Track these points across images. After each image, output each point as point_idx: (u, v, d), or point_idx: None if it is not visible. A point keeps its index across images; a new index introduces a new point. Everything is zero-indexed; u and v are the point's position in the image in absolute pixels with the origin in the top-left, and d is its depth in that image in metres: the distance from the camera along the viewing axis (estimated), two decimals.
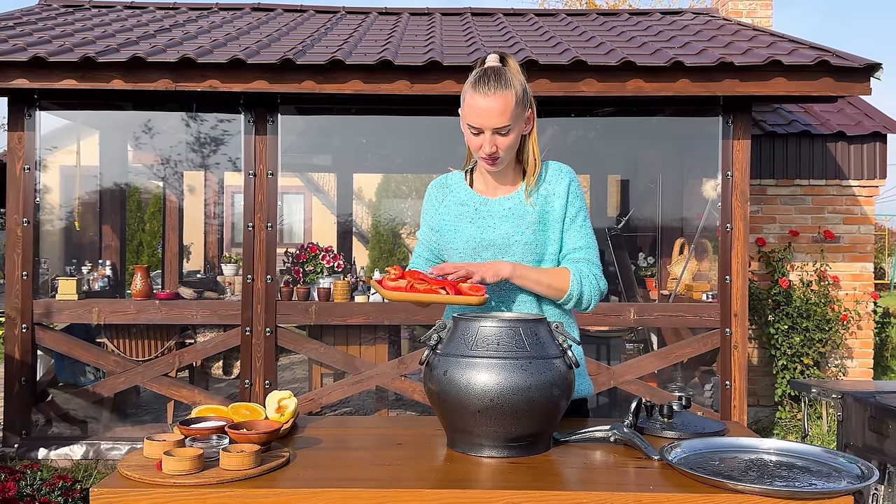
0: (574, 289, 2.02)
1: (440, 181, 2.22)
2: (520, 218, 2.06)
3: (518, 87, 1.98)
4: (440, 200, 2.18)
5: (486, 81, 1.97)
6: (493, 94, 1.95)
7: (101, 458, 5.19)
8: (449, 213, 2.14)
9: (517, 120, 1.99)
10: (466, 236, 2.09)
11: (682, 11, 7.57)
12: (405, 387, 5.29)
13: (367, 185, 16.39)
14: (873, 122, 6.90)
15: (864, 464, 1.55)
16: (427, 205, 2.22)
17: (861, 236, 6.83)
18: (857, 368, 6.83)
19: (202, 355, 5.89)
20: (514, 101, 1.96)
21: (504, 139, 1.99)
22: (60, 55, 4.78)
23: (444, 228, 2.14)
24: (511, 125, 1.98)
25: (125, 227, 7.67)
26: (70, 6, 7.25)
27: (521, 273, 2.00)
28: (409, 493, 1.46)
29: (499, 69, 2.00)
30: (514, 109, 1.97)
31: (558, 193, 2.09)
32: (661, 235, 7.47)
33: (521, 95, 1.99)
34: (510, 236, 2.05)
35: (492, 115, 1.96)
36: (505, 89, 1.96)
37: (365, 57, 4.91)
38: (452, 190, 2.18)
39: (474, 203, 2.12)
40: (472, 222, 2.10)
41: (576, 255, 2.08)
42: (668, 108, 5.58)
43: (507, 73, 1.99)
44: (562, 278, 2.03)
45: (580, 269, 2.05)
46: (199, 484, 1.46)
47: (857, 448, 3.20)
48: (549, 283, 2.02)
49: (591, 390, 2.18)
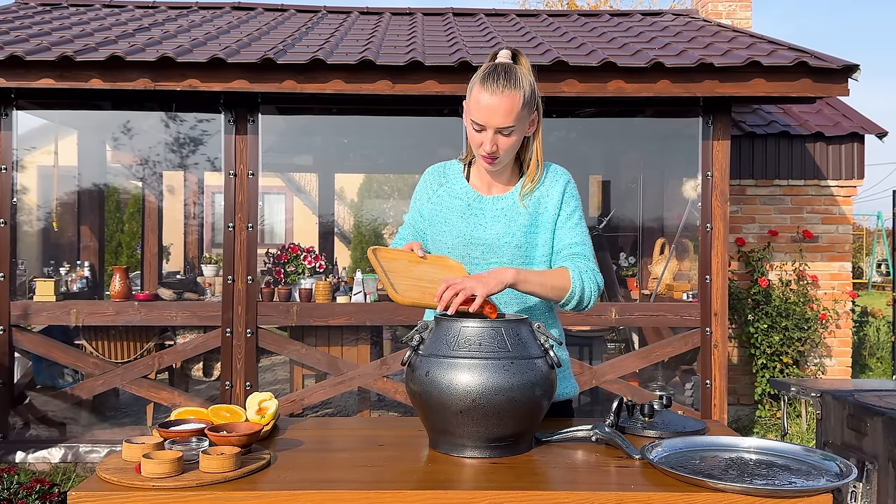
0: (576, 286, 1.95)
1: (438, 168, 2.17)
2: (512, 219, 2.03)
3: (527, 88, 1.93)
4: (434, 189, 2.14)
5: (496, 79, 1.90)
6: (501, 92, 1.89)
7: (80, 461, 5.14)
8: (441, 204, 2.10)
9: (522, 121, 1.94)
10: (456, 231, 2.05)
11: (663, 13, 7.62)
12: (387, 387, 5.28)
13: (348, 185, 16.35)
14: (851, 122, 6.97)
15: (842, 462, 1.56)
16: (420, 190, 2.17)
17: (839, 236, 6.90)
18: (836, 367, 6.89)
19: (182, 357, 5.85)
20: (521, 102, 1.91)
21: (506, 140, 1.94)
22: (38, 54, 4.73)
23: (435, 219, 2.10)
24: (515, 126, 1.93)
25: (104, 228, 7.60)
26: (48, 5, 7.18)
27: (524, 278, 1.89)
28: (392, 494, 1.45)
29: (509, 66, 1.94)
30: (521, 111, 1.91)
31: (552, 195, 2.06)
32: (642, 235, 7.51)
33: (530, 97, 1.94)
34: (500, 237, 2.02)
35: (497, 114, 1.90)
36: (513, 89, 1.90)
37: (346, 57, 4.90)
38: (448, 180, 2.13)
39: (468, 198, 2.08)
40: (463, 218, 2.06)
41: (571, 250, 2.04)
42: (648, 108, 5.60)
43: (518, 72, 1.93)
44: (563, 278, 1.96)
45: (578, 266, 1.99)
46: (178, 487, 1.44)
47: (836, 446, 3.23)
48: (553, 285, 1.94)
49: (576, 391, 2.17)
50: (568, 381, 2.13)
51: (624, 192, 8.33)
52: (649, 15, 7.50)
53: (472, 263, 2.03)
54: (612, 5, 18.50)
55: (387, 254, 1.91)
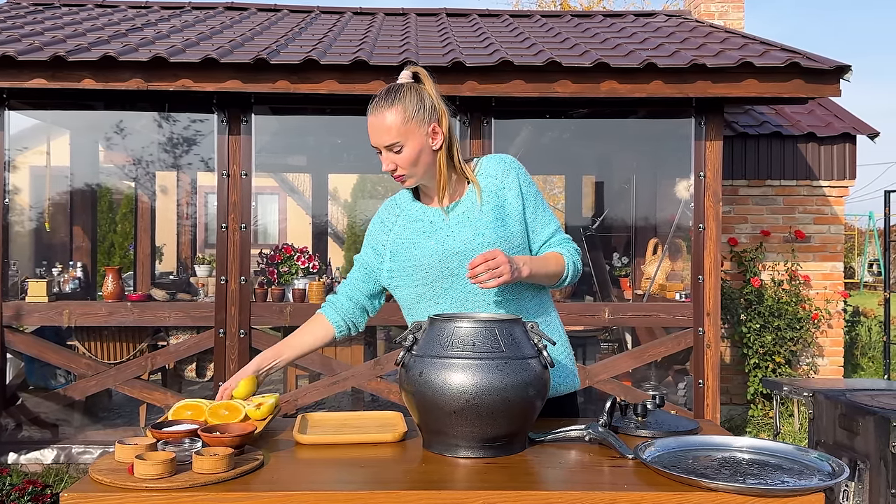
0: (569, 267, 2.07)
1: (389, 203, 2.19)
2: (476, 220, 2.02)
3: (411, 103, 1.95)
4: (393, 221, 2.14)
5: (377, 100, 1.97)
6: (377, 112, 1.96)
7: (73, 462, 5.12)
8: (404, 232, 2.09)
9: (410, 136, 1.96)
10: (429, 251, 2.03)
11: (655, 13, 7.63)
12: (381, 388, 5.27)
13: (342, 185, 16.34)
14: (843, 123, 7.00)
15: (834, 461, 1.57)
16: (377, 228, 2.17)
17: (831, 236, 6.92)
18: (828, 366, 6.92)
19: (175, 358, 5.83)
20: (401, 117, 1.94)
21: (400, 157, 1.98)
22: (30, 54, 4.71)
23: (399, 249, 2.08)
24: (401, 142, 1.95)
25: (96, 228, 7.57)
26: (40, 4, 7.15)
27: (534, 270, 1.98)
28: (385, 494, 1.45)
29: (397, 86, 1.98)
30: (402, 126, 1.94)
31: (509, 186, 2.06)
32: (635, 235, 7.52)
33: (415, 111, 1.95)
34: (471, 240, 2.00)
35: (376, 132, 1.97)
36: (390, 105, 1.94)
37: (340, 57, 4.89)
38: (403, 209, 2.13)
39: (429, 216, 2.07)
40: (429, 236, 2.04)
41: (555, 237, 2.11)
42: (641, 109, 5.61)
43: (403, 90, 1.97)
44: (559, 262, 2.06)
45: (567, 249, 2.10)
46: (171, 488, 1.44)
47: (828, 445, 3.24)
48: (554, 272, 2.05)
49: (577, 384, 2.15)
50: (568, 373, 2.11)
51: (617, 192, 8.34)
52: (642, 16, 7.52)
53: (453, 275, 2.01)
54: (605, 6, 18.53)
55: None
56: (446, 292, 2.03)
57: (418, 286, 2.04)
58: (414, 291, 2.06)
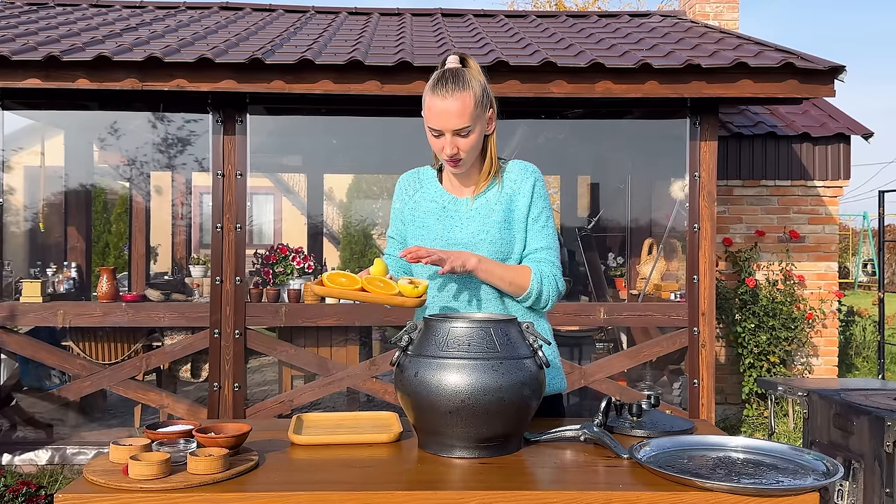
0: (534, 287, 2.04)
1: (411, 175, 2.24)
2: (486, 217, 2.08)
3: (477, 88, 1.99)
4: (410, 195, 2.20)
5: (444, 83, 1.98)
6: (451, 95, 1.97)
7: (67, 463, 5.11)
8: (418, 208, 2.16)
9: (477, 121, 2.00)
10: (434, 234, 2.10)
11: (651, 14, 7.64)
12: (376, 388, 5.27)
13: (337, 185, 16.32)
14: (837, 123, 7.01)
15: (829, 461, 1.57)
16: (397, 198, 2.24)
17: (826, 236, 6.94)
18: (823, 366, 6.94)
19: (170, 358, 5.82)
20: (472, 101, 1.97)
21: (465, 140, 2.00)
22: (24, 54, 4.70)
23: (414, 223, 2.15)
24: (471, 126, 1.99)
25: (91, 229, 7.55)
26: (34, 4, 7.13)
27: (485, 267, 2.00)
28: (381, 495, 1.45)
29: (457, 70, 2.01)
30: (474, 110, 1.98)
31: (523, 192, 2.10)
32: (630, 236, 7.53)
33: (481, 96, 2.00)
34: (476, 235, 2.06)
35: (450, 117, 1.97)
36: (463, 90, 1.97)
37: (335, 57, 4.89)
38: (423, 185, 2.19)
39: (443, 201, 2.13)
40: (439, 220, 2.11)
41: (538, 255, 2.10)
42: (636, 109, 5.62)
43: (466, 74, 2.00)
44: (523, 276, 2.05)
45: (541, 269, 2.07)
46: (166, 489, 1.44)
47: (823, 445, 3.25)
48: (512, 280, 2.03)
49: (564, 385, 2.18)
50: (556, 375, 2.15)
51: (612, 192, 8.35)
52: (637, 16, 7.53)
53: None
54: (600, 6, 18.55)
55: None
56: (441, 279, 2.08)
57: (424, 266, 2.08)
58: (423, 271, 2.10)
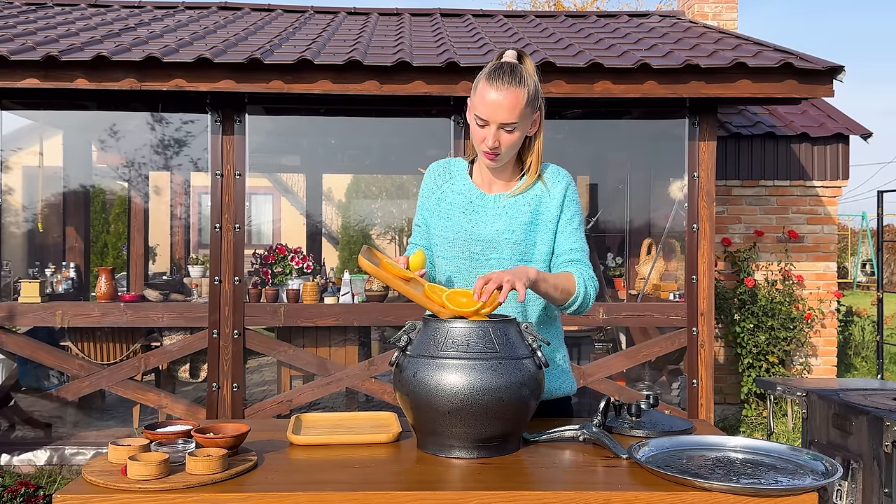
0: (580, 292, 2.01)
1: (442, 164, 2.21)
2: (512, 216, 2.06)
3: (531, 87, 1.97)
4: (438, 185, 2.18)
5: (501, 75, 1.95)
6: (506, 89, 1.93)
7: (66, 463, 5.11)
8: (444, 199, 2.14)
9: (524, 119, 1.98)
10: (458, 227, 2.08)
11: (649, 14, 7.64)
12: (375, 388, 5.27)
13: (336, 185, 16.31)
14: (836, 123, 7.02)
15: (828, 461, 1.57)
16: (425, 186, 2.20)
17: (824, 236, 6.94)
18: (821, 366, 6.94)
19: (168, 358, 5.81)
20: (524, 99, 1.95)
21: (508, 136, 1.98)
22: (22, 54, 4.69)
23: (439, 213, 2.13)
24: (518, 123, 1.96)
25: (89, 229, 7.55)
26: (32, 4, 7.12)
27: (542, 277, 1.93)
28: (379, 495, 1.45)
29: (515, 65, 1.98)
30: (524, 108, 1.95)
31: (554, 196, 2.09)
32: (629, 236, 7.54)
33: (533, 96, 1.98)
34: (501, 233, 2.05)
35: (500, 110, 1.94)
36: (518, 86, 1.94)
37: (334, 57, 4.89)
38: (453, 176, 2.17)
39: (471, 195, 2.11)
40: (465, 214, 2.09)
41: (572, 255, 2.07)
42: (635, 109, 5.62)
43: (522, 71, 1.97)
44: (570, 282, 2.01)
45: (581, 272, 2.04)
46: (164, 489, 1.44)
47: (822, 445, 3.25)
48: (563, 287, 1.99)
49: (574, 388, 2.18)
50: (566, 377, 2.15)
51: (611, 192, 8.35)
52: (636, 16, 7.53)
53: (472, 259, 2.07)
54: (598, 6, 18.55)
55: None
56: (461, 274, 2.08)
57: (445, 258, 2.09)
58: (444, 263, 2.10)
